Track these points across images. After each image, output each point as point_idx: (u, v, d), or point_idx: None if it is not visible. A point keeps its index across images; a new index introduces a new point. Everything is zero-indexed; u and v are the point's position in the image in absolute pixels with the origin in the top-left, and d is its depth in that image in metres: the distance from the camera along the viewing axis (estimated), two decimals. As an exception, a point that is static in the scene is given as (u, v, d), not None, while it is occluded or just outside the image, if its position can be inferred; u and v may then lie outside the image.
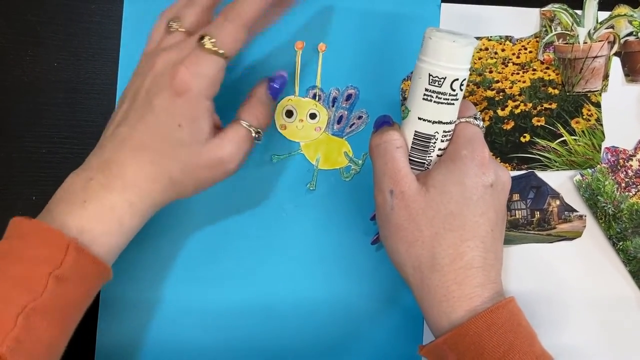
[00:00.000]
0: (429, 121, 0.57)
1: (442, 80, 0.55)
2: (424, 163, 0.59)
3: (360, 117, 0.70)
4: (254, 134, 0.60)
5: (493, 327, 0.53)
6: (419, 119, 0.57)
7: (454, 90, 0.56)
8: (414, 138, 0.58)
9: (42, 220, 0.54)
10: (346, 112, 0.70)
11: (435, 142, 0.58)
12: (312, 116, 0.70)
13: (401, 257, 0.58)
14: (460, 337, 0.53)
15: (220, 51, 0.56)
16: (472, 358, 0.53)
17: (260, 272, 0.69)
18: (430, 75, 0.56)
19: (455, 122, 0.58)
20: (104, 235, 0.55)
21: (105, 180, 0.55)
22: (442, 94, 0.56)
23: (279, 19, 0.65)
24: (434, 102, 0.56)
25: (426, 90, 0.56)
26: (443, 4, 0.70)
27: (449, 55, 0.55)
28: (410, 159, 0.59)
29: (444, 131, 0.58)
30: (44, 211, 0.56)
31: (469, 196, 0.55)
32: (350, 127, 0.70)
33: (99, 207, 0.55)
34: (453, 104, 0.57)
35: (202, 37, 0.55)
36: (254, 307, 0.69)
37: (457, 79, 0.56)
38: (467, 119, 0.59)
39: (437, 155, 0.59)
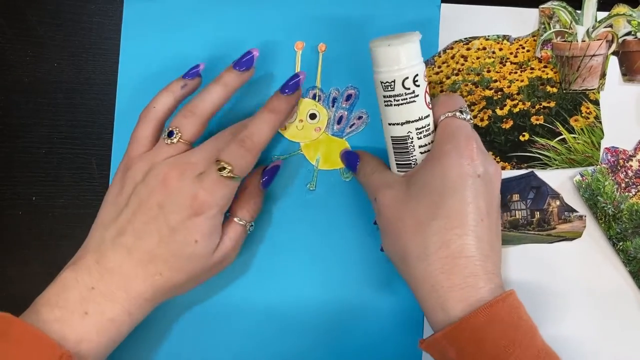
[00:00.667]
0: (398, 124, 0.59)
1: (392, 83, 0.57)
2: (410, 163, 0.60)
3: (360, 118, 0.70)
4: (248, 227, 0.64)
5: (494, 321, 0.52)
6: (390, 124, 0.60)
7: (408, 88, 0.57)
8: (392, 143, 0.61)
9: (33, 324, 0.53)
10: (346, 113, 0.70)
11: (412, 141, 0.59)
12: (312, 116, 0.70)
13: (393, 254, 0.59)
14: (459, 331, 0.53)
15: (236, 176, 0.59)
16: (472, 352, 0.53)
17: (260, 271, 0.69)
18: (381, 82, 0.58)
19: (427, 116, 0.59)
20: (102, 345, 0.56)
21: (107, 290, 0.56)
22: (398, 95, 0.58)
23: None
24: (394, 105, 0.58)
25: (384, 97, 0.58)
26: (443, 4, 0.70)
27: (388, 59, 0.57)
28: (397, 164, 0.61)
29: (417, 128, 0.59)
30: (33, 309, 0.55)
31: (452, 186, 0.55)
32: (350, 127, 0.70)
33: (100, 319, 0.56)
34: (414, 101, 0.58)
35: (222, 167, 0.57)
36: (254, 306, 0.69)
37: (407, 77, 0.57)
38: (452, 114, 0.59)
39: (421, 153, 0.60)
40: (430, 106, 0.59)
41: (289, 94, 0.63)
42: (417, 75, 0.57)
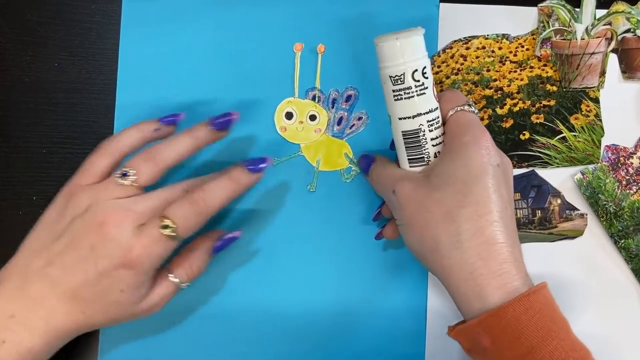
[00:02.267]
0: (409, 117, 0.59)
1: (402, 76, 0.57)
2: (423, 157, 0.60)
3: (360, 118, 0.70)
4: (182, 286, 0.61)
5: (530, 311, 0.52)
6: (400, 119, 0.59)
7: (417, 80, 0.57)
8: (403, 138, 0.60)
9: None
10: (346, 114, 0.70)
11: (424, 134, 0.59)
12: (312, 118, 0.70)
13: (418, 245, 0.58)
14: (496, 319, 0.52)
15: (178, 236, 0.56)
16: (508, 341, 0.52)
17: (260, 273, 0.69)
18: (390, 77, 0.58)
19: (436, 108, 0.59)
20: None
21: (27, 319, 0.54)
22: (408, 88, 0.58)
23: None
24: (405, 98, 0.58)
25: (394, 91, 0.58)
26: (441, 4, 0.70)
27: (397, 52, 0.57)
28: (409, 159, 0.60)
29: (428, 121, 0.59)
30: None
31: (477, 174, 0.55)
32: (351, 128, 0.70)
33: (17, 348, 0.54)
34: (424, 93, 0.58)
35: (165, 226, 0.55)
36: (254, 308, 0.68)
37: (417, 70, 0.57)
38: (461, 108, 0.59)
39: (433, 145, 0.59)
40: (437, 99, 0.60)
41: (253, 169, 0.61)
42: (425, 67, 0.57)
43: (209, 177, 0.61)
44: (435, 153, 0.60)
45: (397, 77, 0.57)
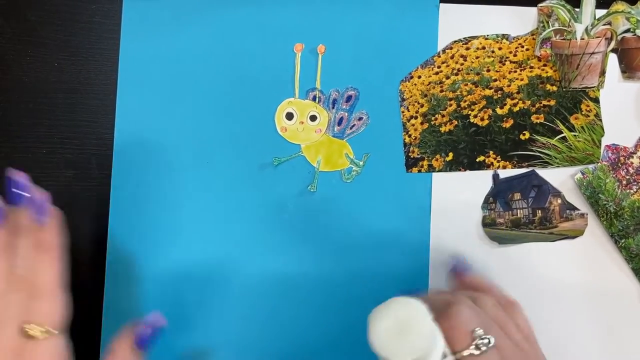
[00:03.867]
0: None
1: None
2: None
3: (360, 119, 0.70)
4: None
5: None
6: None
7: None
8: None
9: None
10: (346, 114, 0.70)
11: None
12: (313, 118, 0.70)
13: None
14: None
15: (55, 331, 0.52)
16: None
17: (260, 272, 0.69)
18: None
19: None
20: None
21: None
22: None
23: None
24: None
25: None
26: (441, 4, 0.71)
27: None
28: None
29: None
30: None
31: None
32: (351, 128, 0.70)
33: None
34: None
35: (27, 331, 0.50)
36: (254, 309, 0.68)
37: None
38: (468, 353, 0.50)
39: None
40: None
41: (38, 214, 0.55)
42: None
43: (22, 256, 0.54)
44: None
45: None
